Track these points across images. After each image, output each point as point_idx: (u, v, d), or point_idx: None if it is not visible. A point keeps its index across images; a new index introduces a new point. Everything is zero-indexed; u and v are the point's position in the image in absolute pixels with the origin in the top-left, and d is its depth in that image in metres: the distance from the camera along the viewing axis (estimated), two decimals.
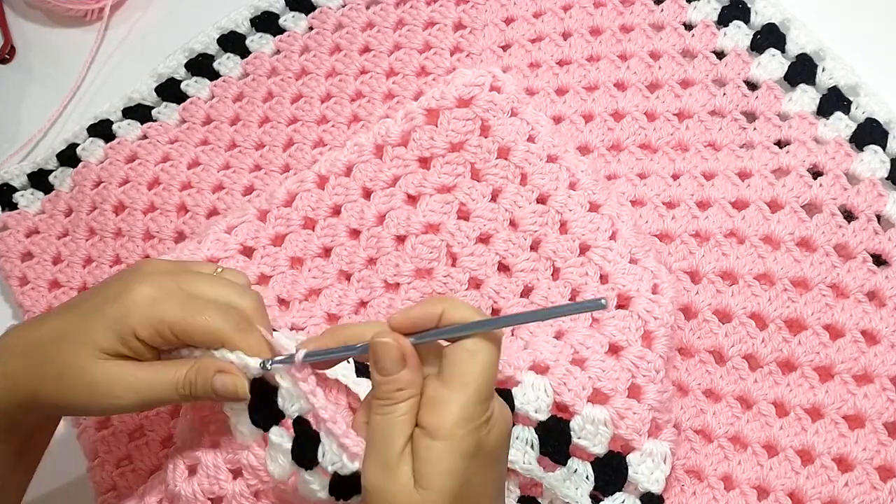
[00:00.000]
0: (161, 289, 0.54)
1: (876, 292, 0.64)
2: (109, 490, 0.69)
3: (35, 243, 0.79)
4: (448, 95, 0.66)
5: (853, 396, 0.62)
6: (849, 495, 0.60)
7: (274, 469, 0.53)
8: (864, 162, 0.67)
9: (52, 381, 0.53)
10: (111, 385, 0.52)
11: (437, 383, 0.46)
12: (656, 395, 0.59)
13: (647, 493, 0.59)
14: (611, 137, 0.73)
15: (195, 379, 0.52)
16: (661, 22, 0.76)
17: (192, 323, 0.52)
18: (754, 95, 0.71)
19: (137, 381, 0.52)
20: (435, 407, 0.46)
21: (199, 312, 0.53)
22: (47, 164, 0.82)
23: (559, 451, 0.58)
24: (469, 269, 0.66)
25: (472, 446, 0.45)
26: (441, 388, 0.46)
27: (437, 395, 0.46)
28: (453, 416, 0.45)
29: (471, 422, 0.45)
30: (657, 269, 0.63)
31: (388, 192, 0.67)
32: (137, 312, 0.52)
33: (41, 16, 0.91)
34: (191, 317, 0.53)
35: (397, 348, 0.47)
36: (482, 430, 0.46)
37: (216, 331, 0.53)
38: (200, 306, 0.53)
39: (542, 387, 0.58)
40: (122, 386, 0.52)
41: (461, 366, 0.46)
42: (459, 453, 0.45)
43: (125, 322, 0.52)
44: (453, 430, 0.45)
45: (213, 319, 0.53)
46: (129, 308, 0.53)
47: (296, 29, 0.83)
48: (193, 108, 0.81)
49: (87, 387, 0.52)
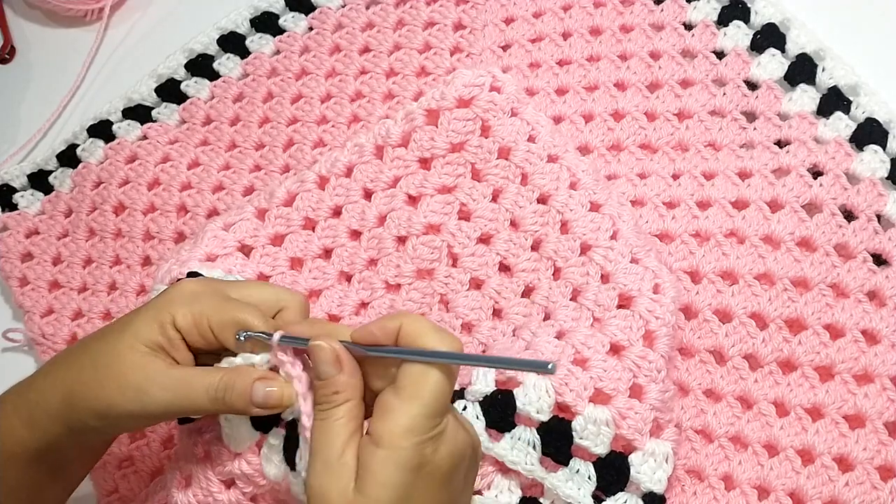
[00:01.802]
0: (206, 286, 0.54)
1: (876, 292, 0.65)
2: (112, 492, 0.69)
3: (35, 244, 0.79)
4: (448, 96, 0.66)
5: (853, 396, 0.62)
6: (849, 495, 0.60)
7: (269, 470, 0.53)
8: (865, 162, 0.67)
9: (87, 373, 0.53)
10: (143, 378, 0.52)
11: (390, 392, 0.46)
12: (658, 395, 0.59)
13: (649, 492, 0.59)
14: (611, 137, 0.73)
15: (232, 384, 0.51)
16: (661, 22, 0.76)
17: (228, 317, 0.52)
18: (754, 95, 0.71)
19: (170, 378, 0.52)
20: (383, 415, 0.46)
21: (237, 309, 0.53)
22: (47, 164, 0.82)
23: (561, 451, 0.58)
24: (470, 269, 0.66)
25: (415, 460, 0.45)
26: (393, 397, 0.46)
27: (387, 403, 0.46)
28: (399, 425, 0.45)
29: (416, 434, 0.45)
30: (658, 269, 0.63)
31: (388, 193, 0.67)
32: (179, 301, 0.53)
33: (41, 16, 0.91)
34: (228, 312, 0.52)
35: (331, 351, 0.48)
36: (427, 445, 0.45)
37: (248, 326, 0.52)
38: (241, 305, 0.53)
39: (543, 387, 0.58)
40: (154, 381, 0.52)
41: (414, 378, 0.46)
42: (399, 465, 0.45)
43: (166, 309, 0.52)
44: (396, 440, 0.45)
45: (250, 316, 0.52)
46: (173, 297, 0.53)
47: (296, 29, 0.83)
48: (193, 108, 0.81)
49: (119, 377, 0.52)
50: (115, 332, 0.53)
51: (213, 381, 0.51)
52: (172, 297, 0.53)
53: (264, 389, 0.51)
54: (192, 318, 0.52)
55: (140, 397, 0.51)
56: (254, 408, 0.51)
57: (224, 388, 0.51)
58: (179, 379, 0.52)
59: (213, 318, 0.52)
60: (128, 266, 0.77)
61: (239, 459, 0.54)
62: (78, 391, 0.53)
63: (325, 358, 0.48)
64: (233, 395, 0.51)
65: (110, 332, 0.54)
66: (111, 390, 0.52)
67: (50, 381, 0.54)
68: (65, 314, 0.77)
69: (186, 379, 0.52)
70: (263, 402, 0.51)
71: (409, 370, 0.46)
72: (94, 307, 0.76)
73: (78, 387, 0.53)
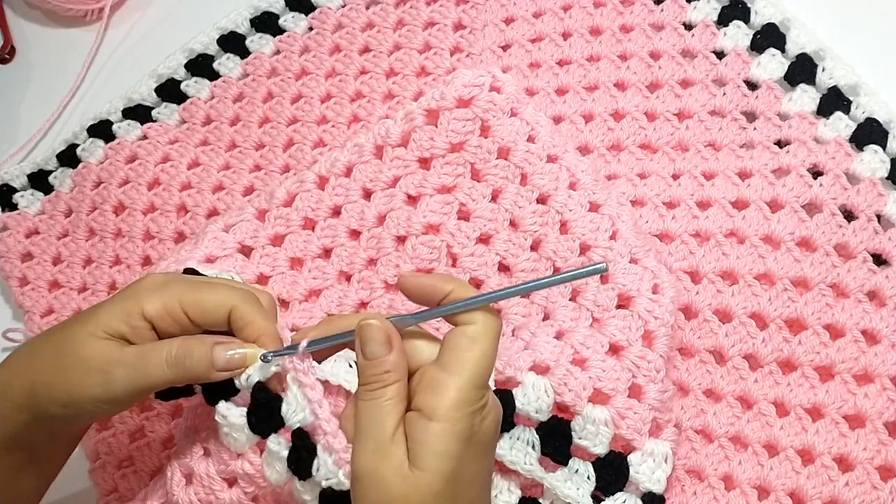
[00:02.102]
0: (174, 276, 0.55)
1: (876, 292, 0.64)
2: (112, 492, 0.69)
3: (35, 244, 0.79)
4: (448, 96, 0.66)
5: (853, 396, 0.62)
6: (849, 495, 0.60)
7: (271, 475, 0.53)
8: (865, 162, 0.67)
9: (51, 363, 0.53)
10: (101, 359, 0.52)
11: (434, 368, 0.47)
12: (657, 395, 0.59)
13: (648, 492, 0.59)
14: (611, 137, 0.73)
15: (189, 350, 0.52)
16: (661, 22, 0.76)
17: (202, 293, 0.53)
18: (754, 95, 0.71)
19: (127, 355, 0.52)
20: (432, 390, 0.46)
21: (209, 286, 0.53)
22: (47, 164, 0.82)
23: (560, 451, 0.58)
24: (469, 269, 0.66)
25: (468, 430, 0.46)
26: (439, 372, 0.47)
27: (434, 378, 0.47)
28: (451, 398, 0.46)
29: (468, 406, 0.46)
30: (658, 269, 0.63)
31: (388, 193, 0.67)
32: (147, 291, 0.53)
33: (41, 16, 0.91)
34: (200, 288, 0.53)
35: (383, 330, 0.48)
36: (477, 415, 0.46)
37: (226, 299, 0.53)
38: (212, 283, 0.54)
39: (542, 387, 0.58)
40: (112, 360, 0.52)
41: (460, 352, 0.47)
42: (455, 436, 0.46)
43: (133, 299, 0.53)
44: (450, 413, 0.46)
45: (224, 291, 0.53)
46: (140, 288, 0.53)
47: (296, 29, 0.83)
48: (193, 108, 0.81)
49: (81, 363, 0.52)
50: (78, 322, 0.54)
51: (170, 349, 0.52)
52: (140, 287, 0.54)
53: (226, 353, 0.52)
54: (161, 304, 0.53)
55: (101, 379, 0.52)
56: (216, 372, 0.52)
57: (183, 354, 0.52)
58: (137, 352, 0.52)
59: (185, 297, 0.53)
60: (128, 266, 0.77)
61: (241, 459, 0.54)
62: (41, 380, 0.53)
63: (377, 337, 0.48)
64: (192, 360, 0.52)
65: (73, 322, 0.54)
66: (73, 377, 0.52)
67: (13, 371, 0.54)
68: (65, 314, 0.77)
69: (143, 352, 0.52)
70: (226, 364, 0.52)
71: (454, 343, 0.47)
72: None
73: (41, 376, 0.53)
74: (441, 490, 0.45)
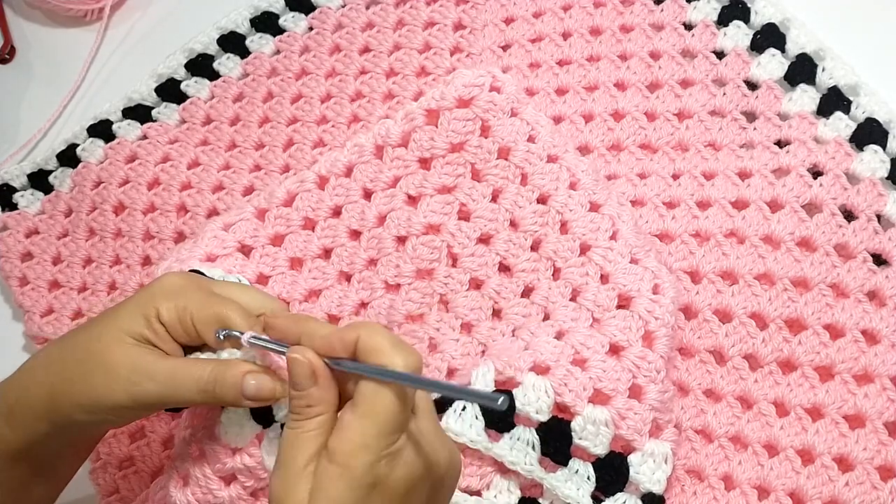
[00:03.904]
0: (190, 280, 0.55)
1: (876, 292, 0.64)
2: (112, 493, 0.69)
3: (35, 244, 0.79)
4: (448, 96, 0.66)
5: (853, 396, 0.62)
6: (849, 495, 0.60)
7: (270, 463, 0.53)
8: (865, 161, 0.67)
9: (72, 368, 0.52)
10: (131, 369, 0.51)
11: (348, 409, 0.46)
12: (657, 396, 0.59)
13: (648, 493, 0.59)
14: (611, 137, 0.73)
15: (222, 377, 0.51)
16: (661, 22, 0.76)
17: (210, 313, 0.52)
18: (754, 95, 0.71)
19: (158, 370, 0.52)
20: (339, 431, 0.45)
21: (220, 304, 0.53)
22: (47, 164, 0.82)
23: (560, 451, 0.58)
24: (470, 269, 0.66)
25: (367, 479, 0.44)
26: (349, 413, 0.45)
27: (343, 419, 0.46)
28: (351, 442, 0.44)
29: (368, 453, 0.44)
30: (658, 269, 0.63)
31: (388, 193, 0.67)
32: (163, 294, 0.53)
33: (41, 16, 0.91)
34: (210, 307, 0.53)
35: (307, 365, 0.47)
36: (381, 464, 0.44)
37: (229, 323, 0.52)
38: (224, 301, 0.53)
39: (542, 388, 0.58)
40: (143, 372, 0.51)
41: (368, 395, 0.45)
42: (349, 483, 0.44)
43: (151, 302, 0.52)
44: (348, 458, 0.44)
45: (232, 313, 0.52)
46: (157, 291, 0.53)
47: (296, 29, 0.83)
48: (193, 108, 0.81)
49: (106, 367, 0.51)
50: (100, 326, 0.53)
51: (203, 374, 0.51)
52: (156, 290, 0.53)
53: (255, 382, 0.51)
54: (175, 312, 0.52)
55: (130, 389, 0.51)
56: (245, 400, 0.51)
57: (214, 380, 0.51)
58: (169, 370, 0.52)
59: (196, 313, 0.52)
60: (128, 266, 0.77)
61: (240, 454, 0.54)
62: (63, 386, 0.52)
63: (301, 371, 0.47)
64: (223, 387, 0.51)
65: (94, 326, 0.54)
66: (99, 384, 0.52)
67: (32, 377, 0.54)
68: (65, 314, 0.77)
69: (176, 370, 0.52)
70: (256, 394, 0.51)
71: (363, 387, 0.45)
72: (94, 307, 0.76)
73: (63, 382, 0.52)
74: None
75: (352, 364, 0.47)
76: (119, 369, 0.51)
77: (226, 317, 0.52)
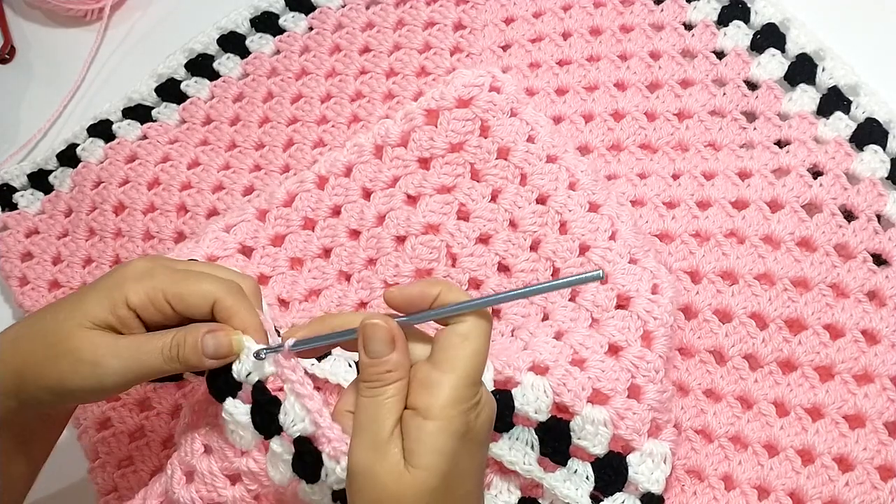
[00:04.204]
0: (157, 263, 0.55)
1: (876, 292, 0.64)
2: (111, 492, 0.69)
3: (35, 243, 0.79)
4: (448, 96, 0.66)
5: (853, 396, 0.62)
6: (849, 495, 0.60)
7: (274, 475, 0.53)
8: (865, 161, 0.67)
9: (39, 352, 0.53)
10: (94, 351, 0.52)
11: (427, 367, 0.47)
12: (656, 396, 0.59)
13: (647, 493, 0.59)
14: (611, 137, 0.73)
15: (183, 341, 0.52)
16: (661, 22, 0.76)
17: (186, 285, 0.53)
18: (754, 95, 0.71)
19: (121, 346, 0.52)
20: (427, 389, 0.46)
21: (193, 277, 0.53)
22: (47, 164, 0.82)
23: (559, 451, 0.58)
24: (469, 269, 0.66)
25: (463, 427, 0.46)
26: (433, 370, 0.47)
27: (428, 377, 0.47)
28: (445, 397, 0.46)
29: (462, 403, 0.46)
30: (657, 269, 0.63)
31: (387, 193, 0.67)
32: (131, 279, 0.53)
33: (41, 16, 0.91)
34: (184, 280, 0.53)
35: (387, 330, 0.48)
36: (472, 412, 0.46)
37: (210, 292, 0.53)
38: (195, 274, 0.54)
39: (541, 387, 0.58)
40: (106, 351, 0.52)
41: (453, 350, 0.47)
42: (450, 433, 0.46)
43: (118, 289, 0.53)
44: (445, 411, 0.46)
45: (207, 282, 0.53)
46: (124, 276, 0.53)
47: (296, 29, 0.83)
48: (193, 108, 0.81)
49: (71, 353, 0.52)
50: (66, 310, 0.54)
51: (166, 341, 0.52)
52: (124, 275, 0.54)
53: (213, 341, 0.52)
54: (145, 294, 0.53)
55: (94, 371, 0.52)
56: (207, 360, 0.52)
57: (177, 344, 0.52)
58: (133, 345, 0.52)
59: (169, 290, 0.53)
60: None
61: (246, 457, 0.54)
62: (29, 368, 0.53)
63: (381, 336, 0.47)
64: (185, 350, 0.52)
65: (60, 309, 0.54)
66: (64, 367, 0.52)
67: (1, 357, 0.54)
68: None
69: (138, 343, 0.53)
70: (215, 352, 0.52)
71: (446, 342, 0.47)
72: None
73: (29, 366, 0.53)
74: (437, 487, 0.45)
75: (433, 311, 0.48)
76: (82, 354, 0.52)
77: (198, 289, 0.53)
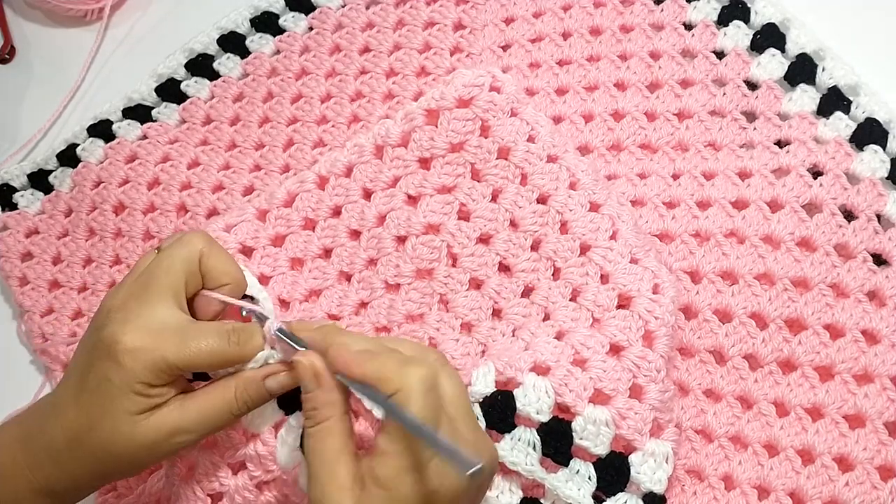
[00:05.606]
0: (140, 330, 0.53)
1: (876, 292, 0.65)
2: (109, 491, 0.69)
3: (35, 243, 0.79)
4: (448, 96, 0.66)
5: (853, 396, 0.62)
6: (849, 495, 0.60)
7: (282, 455, 0.54)
8: (865, 161, 0.67)
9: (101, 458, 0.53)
10: (167, 435, 0.52)
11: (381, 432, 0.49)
12: (658, 395, 0.59)
13: (649, 493, 0.59)
14: (611, 137, 0.73)
15: (249, 396, 0.54)
16: (661, 22, 0.76)
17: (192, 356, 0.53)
18: (754, 95, 0.71)
19: (187, 420, 0.53)
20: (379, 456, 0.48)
21: (193, 342, 0.53)
22: (47, 164, 0.82)
23: (561, 452, 0.58)
24: (469, 269, 0.66)
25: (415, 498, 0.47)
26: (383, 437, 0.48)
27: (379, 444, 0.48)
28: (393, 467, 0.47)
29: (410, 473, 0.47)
30: (658, 269, 0.63)
31: (388, 193, 0.67)
32: (138, 367, 0.52)
33: (41, 16, 0.91)
34: (186, 350, 0.53)
35: (309, 369, 0.50)
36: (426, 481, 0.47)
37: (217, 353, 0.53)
38: (192, 334, 0.53)
39: (543, 388, 0.58)
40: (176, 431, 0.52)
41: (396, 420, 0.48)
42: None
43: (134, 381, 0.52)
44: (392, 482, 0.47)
45: (209, 343, 0.53)
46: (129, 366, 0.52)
47: (296, 29, 0.83)
48: (193, 108, 0.81)
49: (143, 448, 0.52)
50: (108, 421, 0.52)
51: (231, 402, 0.53)
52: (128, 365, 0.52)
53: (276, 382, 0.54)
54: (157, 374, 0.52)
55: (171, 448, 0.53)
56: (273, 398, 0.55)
57: (245, 403, 0.54)
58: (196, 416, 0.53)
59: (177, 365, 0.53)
60: (128, 266, 0.77)
61: (255, 441, 0.55)
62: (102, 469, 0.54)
63: (304, 375, 0.50)
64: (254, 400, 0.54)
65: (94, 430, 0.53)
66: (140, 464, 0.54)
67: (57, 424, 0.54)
68: (65, 313, 0.77)
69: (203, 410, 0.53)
70: (280, 389, 0.54)
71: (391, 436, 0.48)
72: (94, 307, 0.76)
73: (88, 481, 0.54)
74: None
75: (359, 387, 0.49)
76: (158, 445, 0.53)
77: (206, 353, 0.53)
